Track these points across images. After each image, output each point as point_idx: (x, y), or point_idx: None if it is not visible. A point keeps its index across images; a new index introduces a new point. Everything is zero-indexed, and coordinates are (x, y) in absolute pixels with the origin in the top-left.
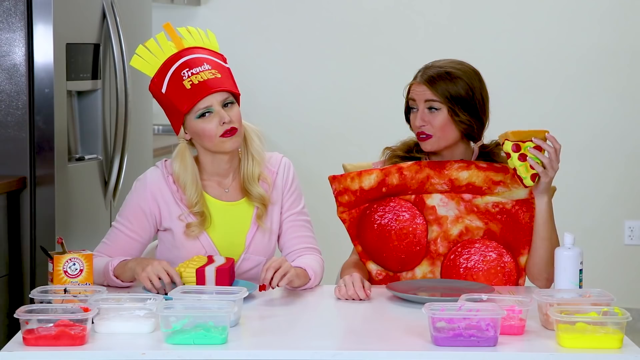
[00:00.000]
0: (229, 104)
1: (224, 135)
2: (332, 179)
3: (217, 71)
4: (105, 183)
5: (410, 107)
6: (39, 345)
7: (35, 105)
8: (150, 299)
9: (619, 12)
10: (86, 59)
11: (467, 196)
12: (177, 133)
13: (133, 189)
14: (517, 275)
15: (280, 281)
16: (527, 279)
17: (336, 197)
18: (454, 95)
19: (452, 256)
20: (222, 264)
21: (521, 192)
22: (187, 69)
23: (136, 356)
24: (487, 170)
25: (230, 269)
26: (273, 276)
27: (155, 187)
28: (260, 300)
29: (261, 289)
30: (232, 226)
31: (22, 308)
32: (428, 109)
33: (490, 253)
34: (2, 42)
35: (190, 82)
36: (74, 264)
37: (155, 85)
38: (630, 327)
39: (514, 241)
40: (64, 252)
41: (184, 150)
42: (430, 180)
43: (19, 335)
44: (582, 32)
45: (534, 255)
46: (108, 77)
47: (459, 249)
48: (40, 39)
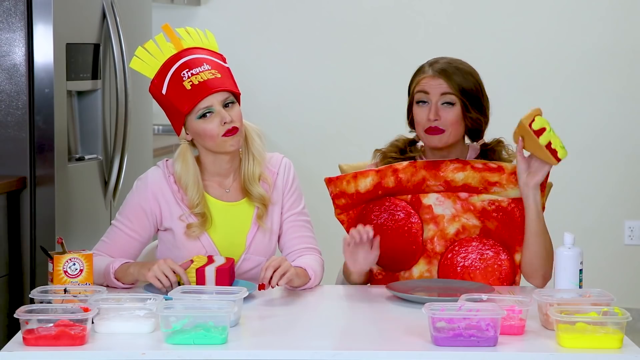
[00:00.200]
0: (230, 104)
1: (225, 135)
2: (328, 182)
3: (217, 71)
4: (105, 183)
5: (419, 101)
6: (39, 345)
7: (35, 105)
8: (150, 299)
9: (619, 12)
10: (86, 59)
11: (463, 195)
12: (178, 134)
13: (134, 188)
14: (513, 273)
15: (280, 280)
16: (523, 278)
17: (333, 200)
18: (467, 91)
19: (449, 255)
20: (222, 264)
21: (517, 191)
22: (187, 70)
23: (136, 356)
24: (482, 171)
25: (230, 269)
26: (272, 275)
27: (157, 186)
28: (260, 300)
29: (260, 288)
30: (232, 226)
31: (22, 308)
32: (442, 103)
33: (487, 251)
34: (2, 42)
35: (191, 83)
36: (74, 264)
37: (155, 86)
38: (630, 327)
39: (509, 239)
40: (64, 252)
41: (185, 151)
42: (427, 182)
43: (19, 335)
44: (582, 32)
45: (528, 254)
46: (108, 77)
47: (456, 248)
48: (40, 39)
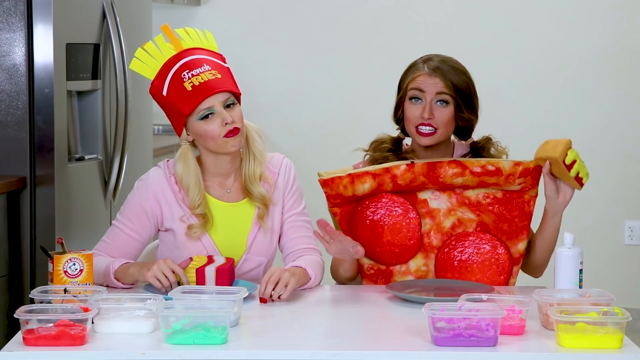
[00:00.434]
0: (231, 105)
1: (227, 135)
2: (324, 184)
3: (217, 72)
4: (105, 183)
5: (413, 97)
6: (39, 345)
7: (35, 105)
8: (150, 299)
9: (619, 12)
10: (86, 59)
11: (458, 189)
12: (179, 135)
13: (135, 188)
14: (510, 265)
15: (283, 294)
16: (520, 273)
17: (328, 198)
18: (461, 90)
19: (446, 249)
20: (222, 264)
21: (512, 187)
22: (188, 71)
23: (136, 356)
24: (481, 175)
25: (230, 269)
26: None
27: (158, 187)
28: None
29: (262, 302)
30: (233, 227)
31: (22, 308)
32: (436, 101)
33: (484, 245)
34: (2, 42)
35: (191, 84)
36: (74, 264)
37: (155, 88)
38: (630, 327)
39: (509, 230)
40: (64, 252)
41: (186, 151)
42: (425, 187)
43: (19, 335)
44: (582, 32)
45: (536, 258)
46: (108, 77)
47: (453, 242)
48: (40, 39)
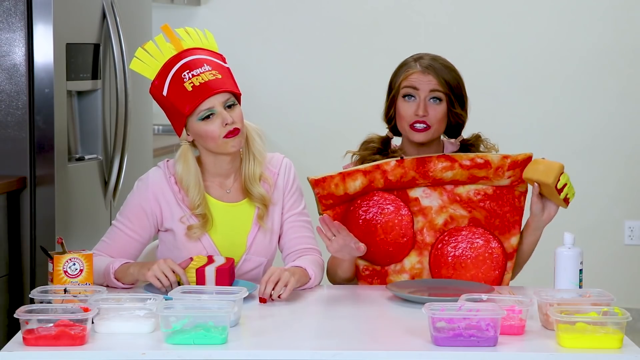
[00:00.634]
0: (231, 105)
1: (227, 136)
2: (314, 184)
3: (217, 72)
4: (105, 183)
5: (407, 95)
6: (39, 345)
7: (35, 105)
8: (150, 299)
9: (619, 12)
10: (86, 59)
11: (448, 186)
12: (179, 135)
13: (135, 188)
14: (504, 260)
15: (282, 294)
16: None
17: (320, 200)
18: (453, 87)
19: (439, 245)
20: (222, 264)
21: (502, 182)
22: (188, 71)
23: (136, 356)
24: (470, 168)
25: (230, 269)
26: (273, 288)
27: (157, 187)
28: None
29: (261, 302)
30: (233, 227)
31: (22, 308)
32: (430, 99)
33: (477, 240)
34: (2, 42)
35: (192, 84)
36: (74, 264)
37: (156, 88)
38: (630, 327)
39: (501, 224)
40: (64, 252)
41: (186, 152)
42: (416, 182)
43: (19, 335)
44: (582, 32)
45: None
46: (108, 77)
47: (446, 238)
48: (40, 39)
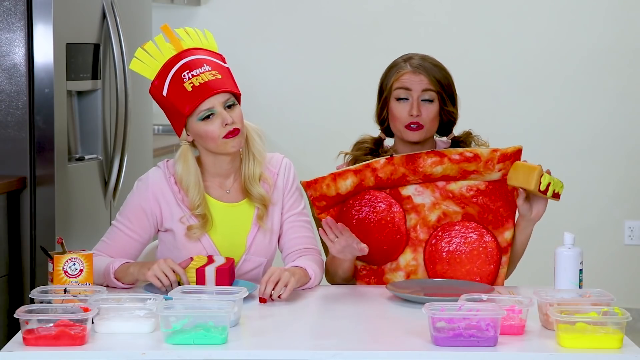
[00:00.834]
0: (231, 105)
1: (227, 136)
2: (307, 186)
3: (217, 72)
4: (105, 183)
5: (400, 97)
6: (39, 345)
7: (35, 105)
8: (150, 299)
9: (619, 12)
10: (86, 59)
11: (440, 183)
12: (179, 135)
13: (135, 188)
14: (499, 254)
15: (283, 294)
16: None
17: (313, 202)
18: (444, 85)
19: (433, 241)
20: (222, 264)
21: (493, 176)
22: (188, 71)
23: (136, 356)
24: (460, 162)
25: (230, 269)
26: (273, 289)
27: (157, 187)
28: None
29: (261, 302)
30: (233, 227)
31: (22, 308)
32: (422, 99)
33: (471, 234)
34: (2, 42)
35: (192, 84)
36: (74, 264)
37: (156, 88)
38: (630, 327)
39: (494, 219)
40: (64, 252)
41: (186, 152)
42: (406, 179)
43: (19, 335)
44: (582, 32)
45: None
46: (108, 77)
47: (440, 233)
48: (40, 39)
